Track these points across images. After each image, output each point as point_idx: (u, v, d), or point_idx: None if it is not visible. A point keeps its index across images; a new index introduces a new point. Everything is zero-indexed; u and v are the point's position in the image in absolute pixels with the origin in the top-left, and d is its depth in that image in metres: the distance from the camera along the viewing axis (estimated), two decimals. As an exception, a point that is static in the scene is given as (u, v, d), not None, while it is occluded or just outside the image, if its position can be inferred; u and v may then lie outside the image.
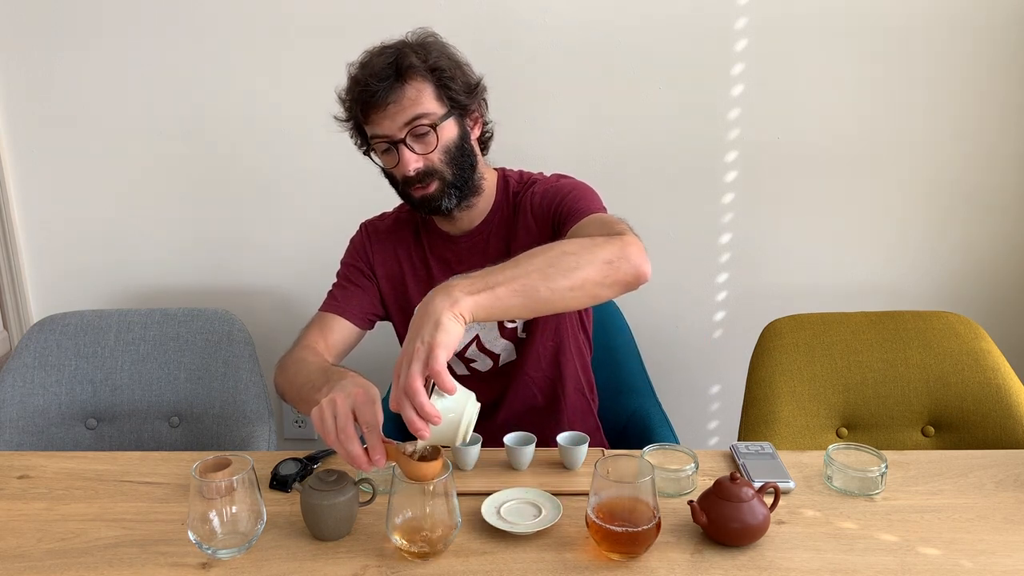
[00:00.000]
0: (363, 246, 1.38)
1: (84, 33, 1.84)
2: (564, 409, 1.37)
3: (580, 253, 1.00)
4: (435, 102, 1.19)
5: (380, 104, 1.16)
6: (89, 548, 0.98)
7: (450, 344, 0.87)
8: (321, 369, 1.10)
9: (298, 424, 2.13)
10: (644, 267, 1.03)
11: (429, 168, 1.20)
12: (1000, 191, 1.89)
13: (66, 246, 2.01)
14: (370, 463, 0.90)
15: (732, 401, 2.06)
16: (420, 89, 1.18)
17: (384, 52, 1.19)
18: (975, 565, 0.92)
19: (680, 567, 0.92)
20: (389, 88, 1.16)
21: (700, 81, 1.84)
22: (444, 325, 0.87)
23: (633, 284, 1.03)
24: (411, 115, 1.17)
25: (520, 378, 1.34)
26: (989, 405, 1.38)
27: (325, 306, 1.33)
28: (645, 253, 1.05)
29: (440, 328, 0.87)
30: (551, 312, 1.00)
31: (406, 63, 1.17)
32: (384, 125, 1.18)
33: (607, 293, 1.02)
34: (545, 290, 0.96)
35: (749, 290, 1.99)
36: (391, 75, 1.16)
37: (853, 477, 1.08)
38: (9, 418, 1.49)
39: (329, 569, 0.93)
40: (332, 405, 0.91)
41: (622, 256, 1.01)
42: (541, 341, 1.32)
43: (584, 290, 0.99)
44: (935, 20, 1.78)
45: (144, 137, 1.91)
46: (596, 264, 0.99)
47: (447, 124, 1.20)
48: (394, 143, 1.19)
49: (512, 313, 0.95)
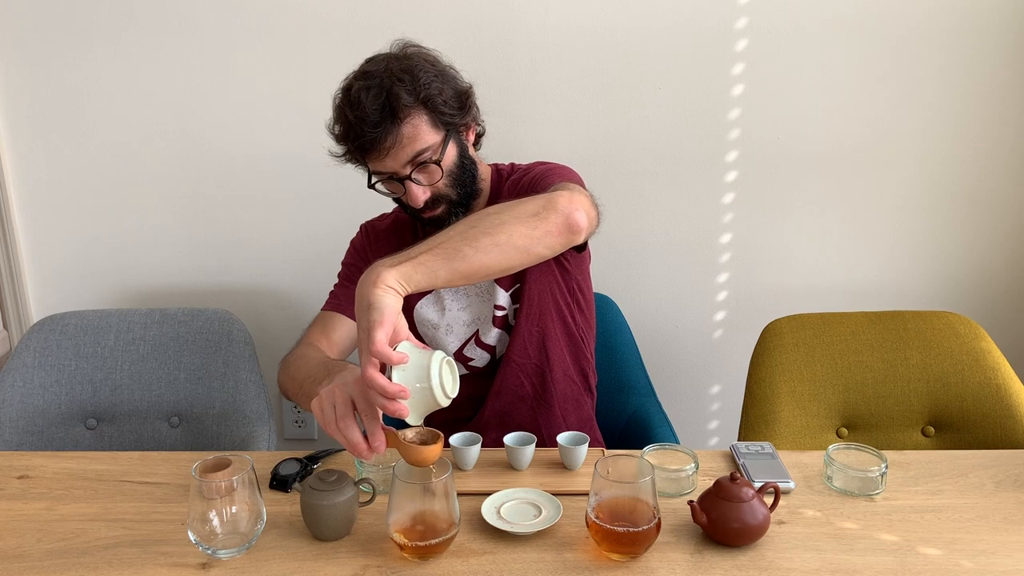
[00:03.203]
0: (363, 247, 1.39)
1: (84, 34, 1.84)
2: (554, 397, 1.35)
3: (503, 211, 1.00)
4: (432, 132, 1.17)
5: (377, 147, 1.15)
6: (89, 548, 0.98)
7: (385, 319, 0.88)
8: (321, 363, 1.10)
9: (298, 424, 2.13)
10: (575, 214, 1.02)
11: (436, 195, 1.21)
12: (1000, 191, 1.89)
13: (66, 246, 2.01)
14: (371, 450, 0.91)
15: (732, 401, 2.06)
16: (416, 125, 1.15)
17: (370, 87, 1.14)
18: (975, 565, 0.92)
19: (680, 567, 0.92)
20: (385, 132, 1.13)
21: (700, 81, 1.84)
22: (374, 304, 0.89)
23: (567, 232, 1.02)
24: (411, 153, 1.16)
25: (508, 365, 1.32)
26: (989, 405, 1.38)
27: (327, 305, 1.34)
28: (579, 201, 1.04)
29: (372, 308, 0.89)
30: (486, 273, 0.99)
31: (398, 103, 1.13)
32: (386, 164, 1.17)
33: (541, 246, 1.01)
34: (468, 249, 0.96)
35: (749, 290, 1.99)
36: (386, 117, 1.13)
37: (853, 477, 1.08)
38: (9, 418, 1.49)
39: (329, 569, 0.93)
40: (331, 395, 0.93)
41: (548, 206, 1.01)
42: (526, 326, 1.31)
43: (513, 244, 0.98)
44: (936, 20, 1.78)
45: (144, 137, 1.91)
46: (521, 217, 0.99)
47: (448, 149, 1.20)
48: (398, 178, 1.19)
49: (441, 277, 0.96)
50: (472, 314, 1.33)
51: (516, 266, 1.03)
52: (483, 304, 1.33)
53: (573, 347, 1.38)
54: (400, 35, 1.24)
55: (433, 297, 1.35)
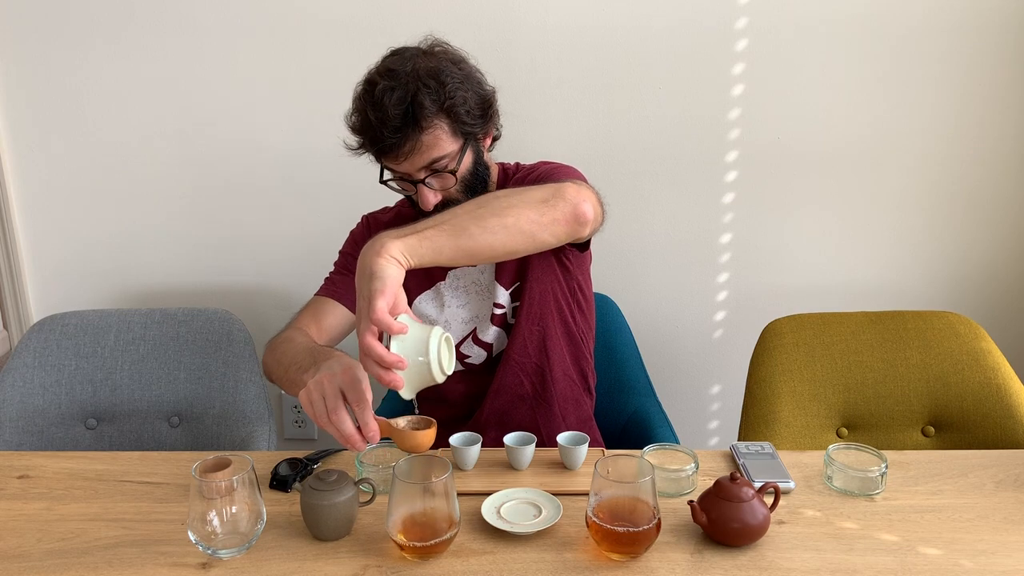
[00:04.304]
0: (364, 238, 1.37)
1: (84, 34, 1.84)
2: (554, 397, 1.35)
3: (512, 195, 1.00)
4: (451, 141, 1.16)
5: (395, 151, 1.14)
6: (89, 548, 0.98)
7: (387, 288, 0.88)
8: (308, 349, 1.09)
9: (298, 424, 2.13)
10: (582, 205, 1.02)
11: (448, 200, 1.20)
12: (1000, 191, 1.89)
13: (66, 246, 2.01)
14: (364, 441, 0.91)
15: (732, 401, 2.06)
16: (437, 135, 1.15)
17: (395, 89, 1.12)
18: (975, 565, 0.92)
19: (680, 567, 0.92)
20: (404, 138, 1.12)
21: (700, 81, 1.84)
22: (376, 272, 0.89)
23: (573, 223, 1.02)
24: (428, 159, 1.16)
25: (508, 364, 1.32)
26: (989, 405, 1.38)
27: (321, 291, 1.33)
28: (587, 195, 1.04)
29: (374, 277, 0.89)
30: (490, 254, 0.99)
31: (421, 112, 1.11)
32: (402, 167, 1.17)
33: (547, 233, 1.01)
34: (475, 227, 0.96)
35: (749, 290, 1.99)
36: (408, 123, 1.12)
37: (853, 477, 1.08)
38: (9, 418, 1.49)
39: (329, 569, 0.93)
40: (320, 387, 0.92)
41: (557, 195, 1.02)
42: (527, 326, 1.31)
43: (519, 228, 0.99)
44: (936, 20, 1.78)
45: (144, 137, 1.92)
46: (530, 203, 1.00)
47: (464, 158, 1.19)
48: (411, 181, 1.19)
49: (445, 253, 0.96)
50: (470, 311, 1.33)
51: (520, 251, 1.02)
52: (482, 302, 1.33)
53: (573, 347, 1.38)
54: (400, 35, 1.24)
55: (432, 293, 1.35)
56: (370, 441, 0.91)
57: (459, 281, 1.33)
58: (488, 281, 1.32)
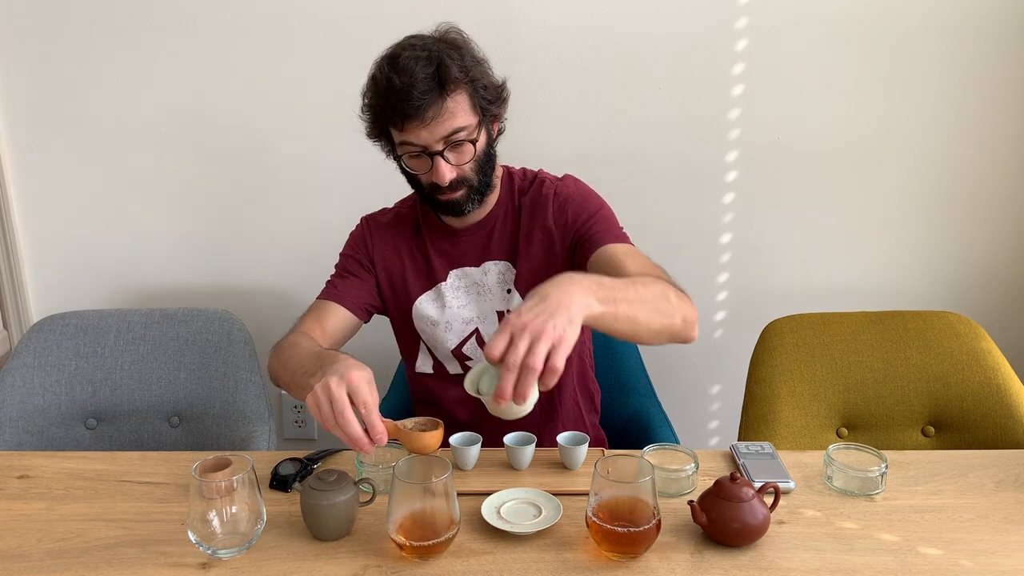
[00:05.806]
0: (363, 239, 1.38)
1: (84, 33, 1.84)
2: (559, 416, 1.36)
3: (676, 304, 1.04)
4: (471, 113, 1.18)
5: (420, 115, 1.13)
6: (89, 548, 0.98)
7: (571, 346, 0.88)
8: (314, 353, 1.09)
9: (298, 424, 2.13)
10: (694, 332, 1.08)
11: (461, 177, 1.20)
12: (1000, 191, 1.89)
13: (66, 246, 2.01)
14: (372, 443, 0.91)
15: (732, 401, 2.06)
16: (460, 101, 1.16)
17: (420, 57, 1.13)
18: (975, 565, 0.92)
19: (680, 567, 0.92)
20: (431, 101, 1.13)
21: (700, 81, 1.84)
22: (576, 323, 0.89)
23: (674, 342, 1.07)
24: (450, 128, 1.15)
25: None
26: (989, 405, 1.38)
27: (323, 294, 1.33)
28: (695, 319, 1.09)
29: (572, 325, 0.88)
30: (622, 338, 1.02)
31: (450, 75, 1.13)
32: (421, 136, 1.16)
33: (657, 340, 1.05)
34: (643, 323, 0.99)
35: (749, 290, 1.99)
36: (434, 87, 1.13)
37: (853, 477, 1.08)
38: (9, 418, 1.49)
39: (329, 569, 0.93)
40: (326, 390, 0.92)
41: (694, 322, 1.07)
42: None
43: (658, 333, 1.03)
44: (936, 20, 1.78)
45: (144, 137, 1.91)
46: (678, 319, 1.04)
47: (481, 134, 1.20)
48: (428, 152, 1.18)
49: (606, 329, 0.97)
50: (472, 311, 1.33)
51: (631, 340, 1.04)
52: (483, 301, 1.33)
53: (581, 370, 1.40)
54: (400, 35, 1.24)
55: (433, 293, 1.34)
56: (377, 443, 0.91)
57: (460, 282, 1.33)
58: (493, 284, 1.32)
